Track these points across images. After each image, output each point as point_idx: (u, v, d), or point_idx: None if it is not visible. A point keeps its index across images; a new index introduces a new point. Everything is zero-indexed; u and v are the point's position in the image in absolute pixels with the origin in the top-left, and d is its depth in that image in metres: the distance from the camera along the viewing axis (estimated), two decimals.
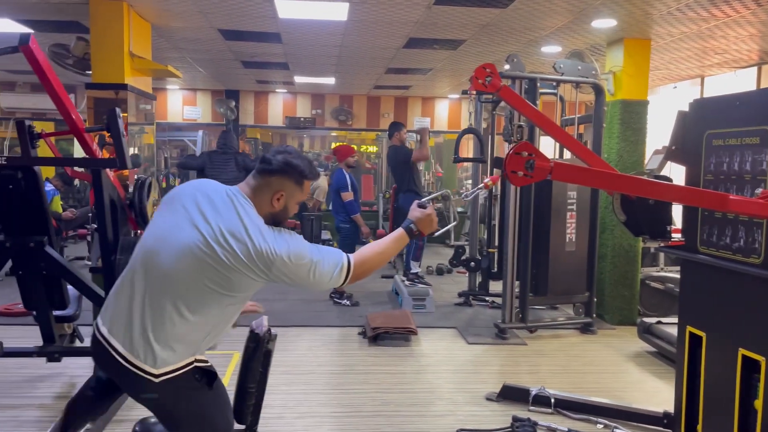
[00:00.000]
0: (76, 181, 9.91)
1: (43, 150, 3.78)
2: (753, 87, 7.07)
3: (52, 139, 4.31)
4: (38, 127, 3.37)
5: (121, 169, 3.41)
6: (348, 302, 6.38)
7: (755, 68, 7.14)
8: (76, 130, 3.25)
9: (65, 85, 3.25)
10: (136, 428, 2.26)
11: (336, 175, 6.69)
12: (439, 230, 2.33)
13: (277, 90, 11.07)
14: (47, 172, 7.93)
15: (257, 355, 2.32)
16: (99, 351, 1.98)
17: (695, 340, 3.19)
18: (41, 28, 6.13)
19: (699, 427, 3.15)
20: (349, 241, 6.59)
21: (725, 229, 2.94)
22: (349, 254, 2.05)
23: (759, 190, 2.64)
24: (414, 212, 2.18)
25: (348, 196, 6.41)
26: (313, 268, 1.93)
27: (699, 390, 3.15)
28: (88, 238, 8.58)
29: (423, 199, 2.28)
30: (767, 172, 2.72)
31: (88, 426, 3.29)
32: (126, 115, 5.07)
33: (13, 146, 11.12)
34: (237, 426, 2.29)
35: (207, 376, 2.01)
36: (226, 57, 7.70)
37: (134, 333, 1.91)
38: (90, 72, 5.26)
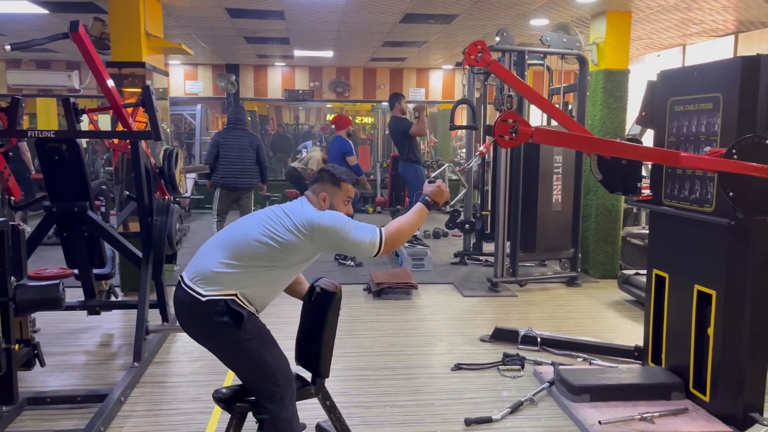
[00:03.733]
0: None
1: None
2: (731, 54, 7.48)
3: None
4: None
5: (155, 140, 3.83)
6: (352, 263, 6.86)
7: (732, 37, 7.56)
8: (115, 106, 3.67)
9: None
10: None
11: (338, 142, 7.09)
12: (449, 200, 2.77)
13: (276, 63, 11.39)
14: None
15: (334, 311, 2.52)
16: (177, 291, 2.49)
17: (660, 281, 3.69)
18: (57, 9, 6.45)
19: (662, 355, 3.67)
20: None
21: (684, 184, 3.41)
22: (381, 227, 2.49)
23: (707, 148, 3.10)
24: (427, 187, 2.66)
25: (353, 160, 6.85)
26: (350, 235, 2.42)
27: (663, 324, 3.66)
28: (102, 209, 9.02)
29: (431, 176, 2.73)
30: (719, 134, 3.18)
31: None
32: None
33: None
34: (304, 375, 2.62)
35: (239, 311, 2.35)
36: (229, 33, 8.03)
37: (195, 269, 2.46)
38: (107, 51, 5.62)
